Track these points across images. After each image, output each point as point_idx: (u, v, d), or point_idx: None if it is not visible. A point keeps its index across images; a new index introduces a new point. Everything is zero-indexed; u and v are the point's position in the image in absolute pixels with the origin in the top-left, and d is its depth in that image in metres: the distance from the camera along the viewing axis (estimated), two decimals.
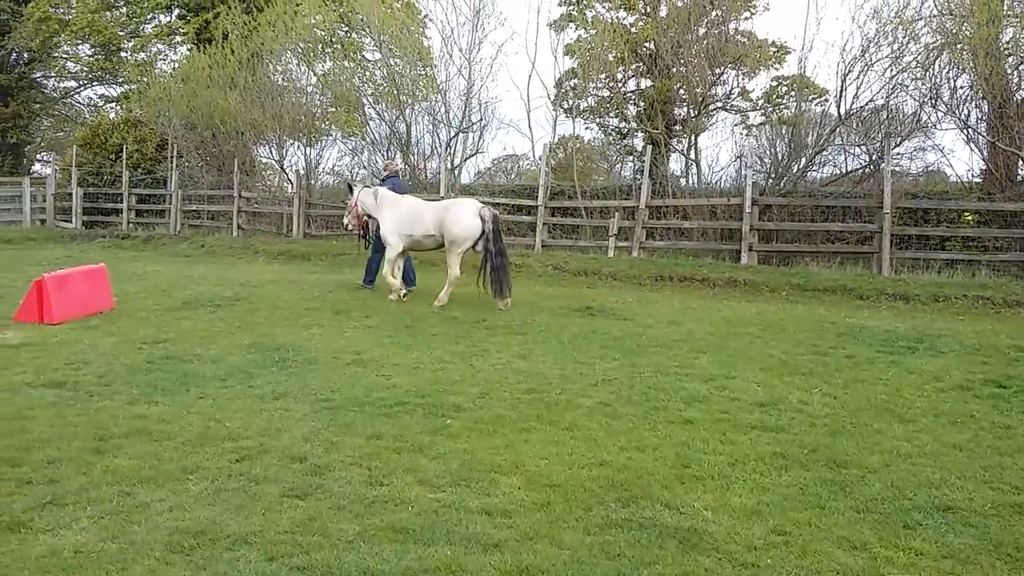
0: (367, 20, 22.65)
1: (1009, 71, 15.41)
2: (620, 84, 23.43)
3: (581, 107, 23.03)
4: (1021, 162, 15.39)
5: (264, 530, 4.19)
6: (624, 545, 4.12)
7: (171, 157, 23.97)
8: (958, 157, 29.78)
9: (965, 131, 15.92)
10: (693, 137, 21.02)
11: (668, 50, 19.78)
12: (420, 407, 6.43)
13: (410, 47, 21.59)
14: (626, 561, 3.96)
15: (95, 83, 39.06)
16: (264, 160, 25.81)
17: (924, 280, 13.63)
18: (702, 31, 19.58)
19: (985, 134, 15.71)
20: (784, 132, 18.37)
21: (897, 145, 16.45)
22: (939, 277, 13.92)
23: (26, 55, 36.37)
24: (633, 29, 22.80)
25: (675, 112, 22.21)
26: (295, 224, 21.04)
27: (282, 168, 23.85)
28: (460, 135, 20.95)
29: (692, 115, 20.60)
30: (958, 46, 15.43)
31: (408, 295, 12.18)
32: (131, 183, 24.65)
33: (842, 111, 16.91)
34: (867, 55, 16.48)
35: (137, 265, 16.39)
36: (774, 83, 23.19)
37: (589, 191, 18.57)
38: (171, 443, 5.47)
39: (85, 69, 37.44)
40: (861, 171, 17.20)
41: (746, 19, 21.94)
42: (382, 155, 22.03)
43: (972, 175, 16.68)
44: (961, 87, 15.78)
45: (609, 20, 22.23)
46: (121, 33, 33.81)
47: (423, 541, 4.11)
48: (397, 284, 12.00)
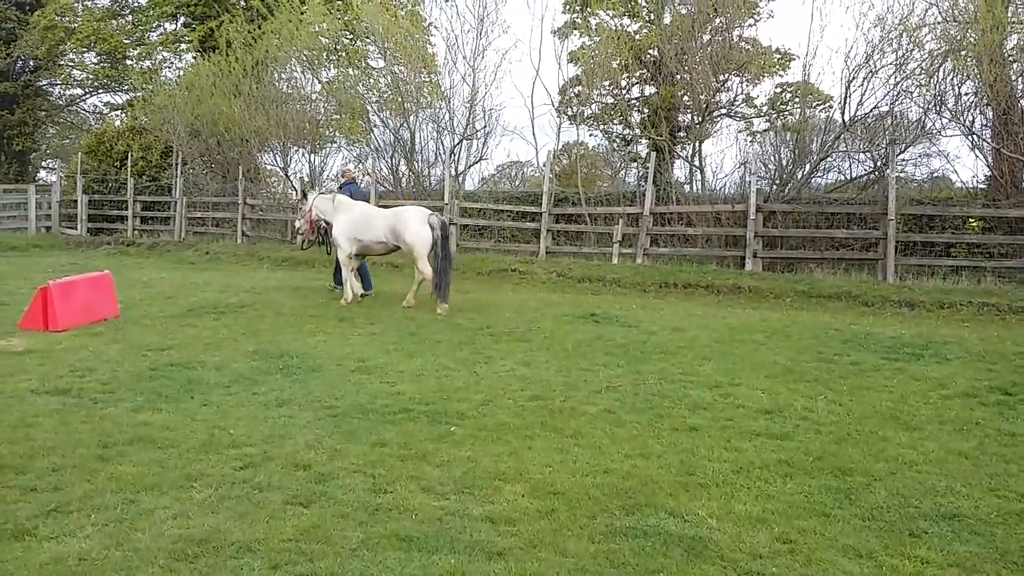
0: (371, 28, 22.69)
1: (1014, 77, 15.40)
2: (624, 91, 23.45)
3: (585, 114, 23.03)
4: None
5: (268, 538, 4.19)
6: (629, 553, 4.11)
7: (176, 164, 24.05)
8: (963, 163, 29.86)
9: (970, 137, 15.92)
10: (697, 144, 21.02)
11: (672, 57, 19.80)
12: (424, 414, 6.43)
13: (414, 54, 21.63)
14: (631, 569, 3.95)
15: (100, 91, 39.21)
16: (269, 167, 25.89)
17: (929, 287, 13.59)
18: (706, 38, 19.58)
19: (990, 140, 15.69)
20: (788, 139, 18.37)
21: (902, 151, 16.42)
22: (944, 284, 13.88)
23: (32, 63, 36.54)
24: (637, 36, 22.83)
25: (679, 119, 22.23)
26: None
27: (287, 175, 23.89)
28: (464, 142, 20.97)
29: (696, 122, 20.61)
30: (962, 53, 15.42)
31: (361, 298, 12.54)
32: (136, 190, 24.73)
33: (846, 118, 16.89)
34: (871, 62, 16.48)
35: (142, 272, 16.42)
36: (778, 90, 23.20)
37: (593, 198, 18.58)
38: (175, 450, 5.47)
39: (91, 77, 37.63)
40: (866, 177, 17.17)
41: (750, 26, 21.94)
42: (386, 162, 22.09)
43: (977, 181, 16.67)
44: (966, 93, 15.79)
45: (613, 27, 22.24)
46: (126, 41, 34.00)
47: (427, 549, 4.11)
48: (358, 288, 12.49)
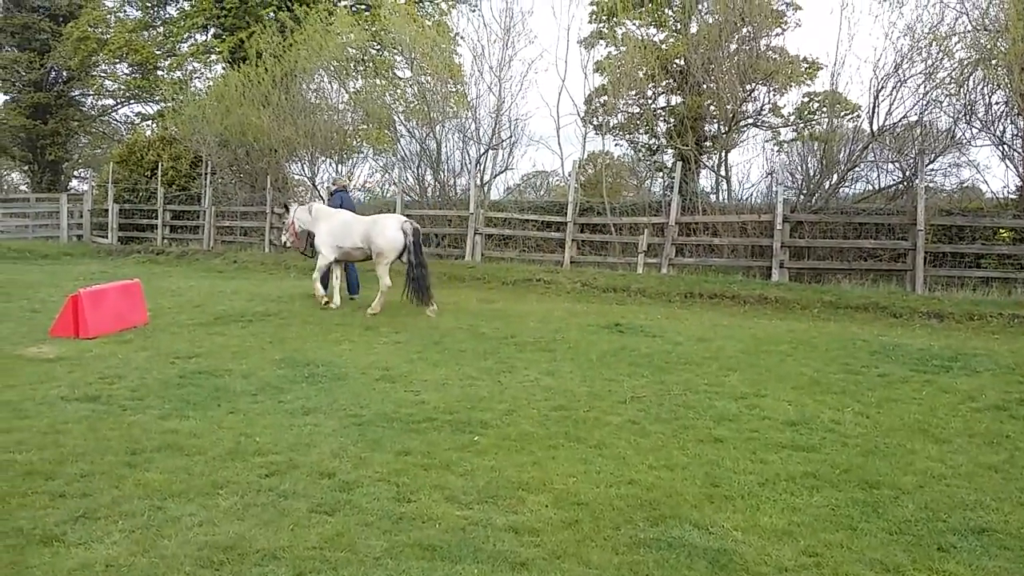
0: (399, 38, 22.85)
1: None
2: (650, 101, 23.41)
3: (611, 124, 23.03)
4: None
5: (293, 546, 4.21)
6: (653, 565, 4.09)
7: (205, 174, 24.33)
8: (993, 173, 29.50)
9: (1000, 147, 15.72)
10: (723, 153, 20.96)
11: (699, 67, 19.73)
12: (448, 423, 6.44)
13: (441, 64, 21.73)
14: None
15: (132, 101, 39.85)
16: (296, 177, 26.12)
17: (959, 298, 13.42)
18: (733, 47, 19.51)
19: (1021, 150, 15.50)
20: (816, 148, 18.23)
21: (931, 161, 16.26)
22: (974, 295, 13.70)
23: (65, 74, 37.20)
24: (663, 46, 22.80)
25: (705, 128, 22.14)
26: None
27: (314, 185, 24.07)
28: (490, 152, 21.03)
29: (723, 131, 20.54)
30: (993, 62, 15.26)
31: (329, 302, 12.80)
32: (166, 199, 25.04)
33: (875, 127, 16.75)
34: (900, 71, 16.33)
35: (171, 280, 16.60)
36: (805, 99, 23.07)
37: (618, 207, 18.56)
38: (202, 457, 5.52)
39: (122, 87, 38.25)
40: (894, 187, 17.02)
41: (777, 35, 21.87)
42: (412, 171, 22.19)
43: (1008, 192, 16.43)
44: (996, 103, 15.60)
45: (639, 37, 22.22)
46: (158, 52, 34.51)
47: (450, 558, 4.11)
48: (321, 291, 12.81)
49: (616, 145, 25.14)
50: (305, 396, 7.25)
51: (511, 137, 21.08)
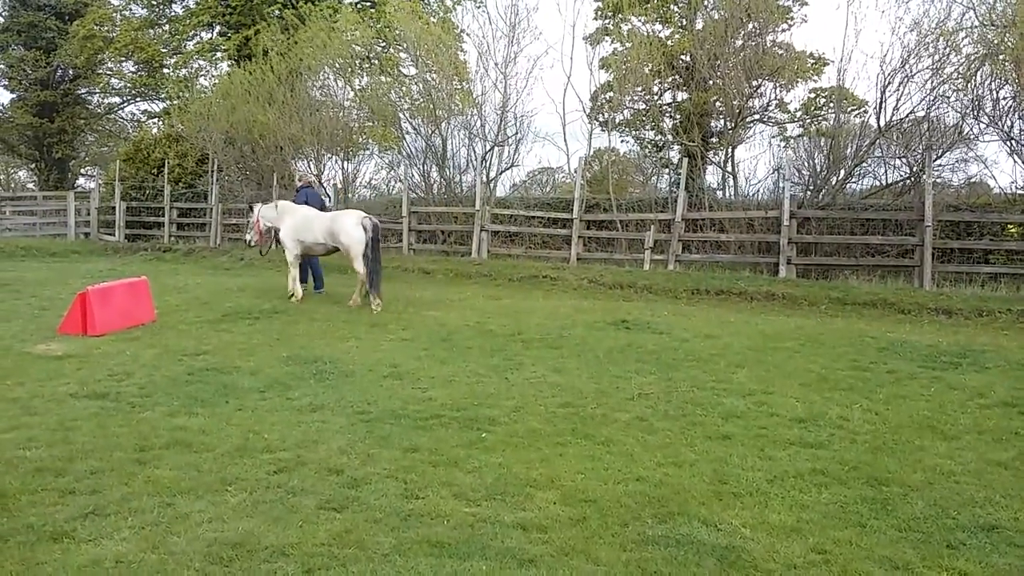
0: (404, 35, 22.87)
1: None
2: (656, 97, 23.39)
3: (616, 120, 23.02)
4: None
5: (301, 542, 4.22)
6: (661, 562, 4.08)
7: (211, 171, 24.36)
8: (1001, 169, 29.42)
9: (1008, 142, 15.66)
10: (730, 149, 20.91)
11: (705, 62, 19.70)
12: (455, 420, 6.44)
13: (446, 62, 21.72)
14: None
15: (138, 99, 39.97)
16: (302, 173, 26.10)
17: (967, 294, 13.39)
18: (739, 43, 19.47)
19: None
20: (823, 144, 18.20)
21: (938, 157, 16.22)
22: (982, 291, 13.67)
23: (71, 72, 37.31)
24: (669, 42, 22.77)
25: (712, 124, 22.12)
26: None
27: (320, 182, 24.09)
28: (495, 149, 21.03)
29: (729, 127, 20.50)
30: (1000, 57, 15.20)
31: (299, 297, 13.28)
32: (172, 197, 25.08)
33: (882, 123, 16.72)
34: (907, 66, 16.30)
35: (178, 278, 16.63)
36: (812, 95, 23.04)
37: (625, 204, 18.54)
38: (210, 454, 5.54)
39: (128, 85, 38.36)
40: (902, 183, 16.98)
41: (783, 31, 21.82)
42: (418, 168, 22.19)
43: (1016, 187, 16.38)
44: (1004, 98, 15.55)
45: (645, 33, 22.19)
46: (164, 50, 34.58)
47: (459, 555, 4.11)
48: (299, 291, 13.37)
49: (622, 141, 25.16)
50: (313, 393, 7.26)
51: (517, 134, 21.12)
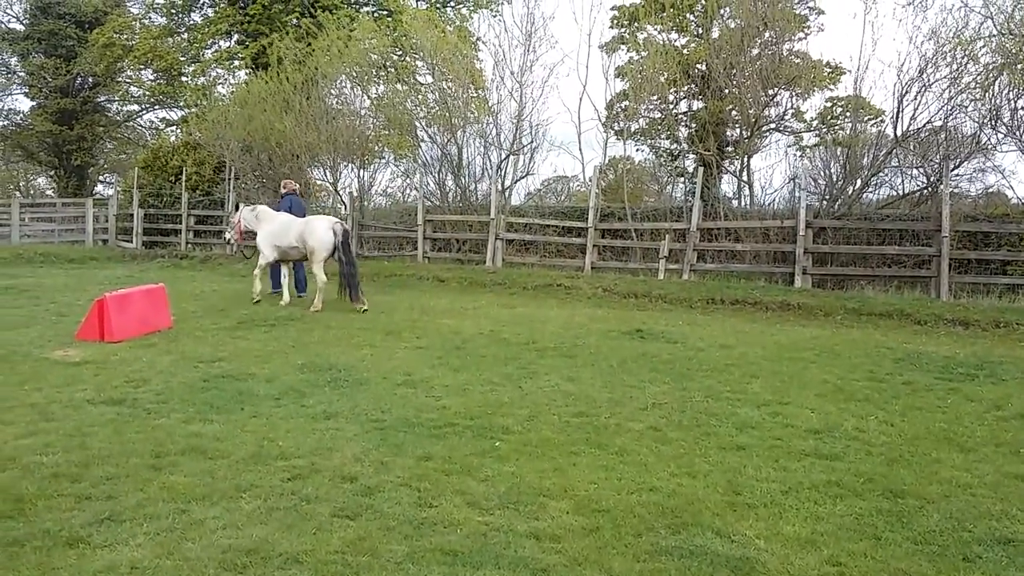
0: (420, 44, 22.94)
1: None
2: (671, 106, 23.36)
3: (632, 129, 23.01)
4: None
5: (315, 549, 4.23)
6: (674, 573, 4.07)
7: (228, 179, 24.50)
8: (1019, 179, 29.22)
9: None
10: (746, 158, 20.86)
11: (720, 71, 19.67)
12: (469, 429, 6.45)
13: (462, 70, 21.79)
14: None
15: (156, 107, 40.28)
16: (319, 182, 26.27)
17: (984, 305, 13.28)
18: (755, 52, 19.44)
19: None
20: (839, 153, 18.13)
21: (956, 167, 16.12)
22: (1000, 302, 13.55)
23: (91, 80, 37.66)
24: (685, 51, 22.76)
25: (727, 133, 22.07)
26: None
27: (336, 190, 24.21)
28: (511, 157, 21.06)
29: (745, 136, 20.45)
30: (1019, 66, 15.11)
31: (259, 299, 13.82)
32: (190, 204, 25.25)
33: (899, 132, 16.64)
34: (925, 76, 16.21)
35: (194, 285, 16.75)
36: (828, 104, 22.92)
37: (639, 213, 18.52)
38: (225, 461, 5.56)
39: (147, 93, 38.64)
40: (919, 193, 16.88)
41: (800, 40, 21.74)
42: (433, 177, 22.25)
43: None
44: (1022, 108, 15.44)
45: (661, 42, 22.19)
46: (182, 58, 34.82)
47: (472, 564, 4.11)
48: (259, 288, 13.92)
49: (637, 150, 25.13)
50: (327, 400, 7.28)
51: (532, 142, 21.14)
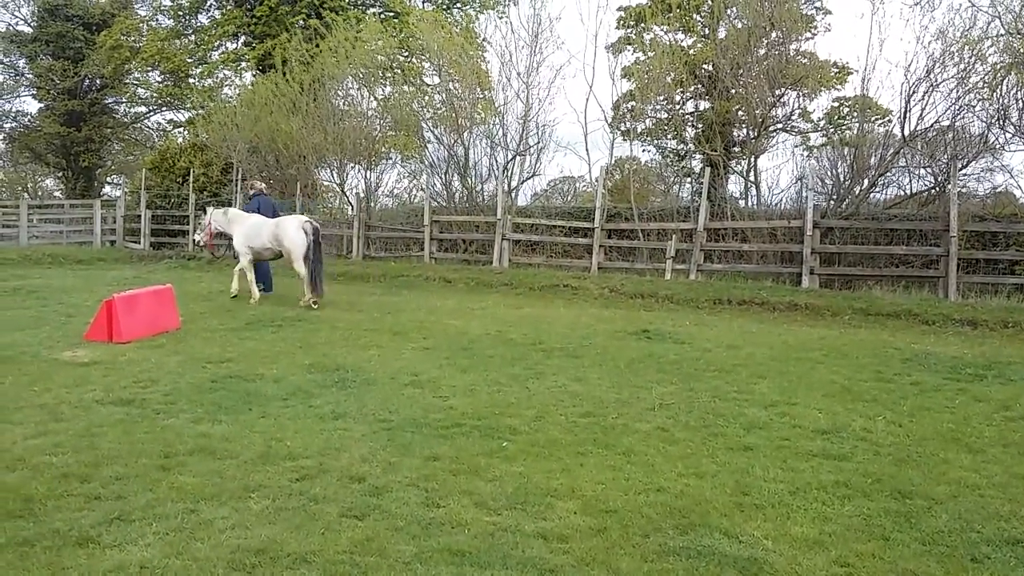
0: (427, 45, 22.99)
1: None
2: (678, 106, 23.34)
3: (638, 129, 22.98)
4: None
5: (323, 549, 4.24)
6: (682, 573, 4.07)
7: (236, 180, 24.58)
8: None
9: None
10: (752, 159, 20.82)
11: (727, 71, 19.65)
12: (476, 429, 6.45)
13: (468, 71, 21.81)
14: None
15: (164, 109, 40.42)
16: (325, 183, 26.34)
17: (993, 305, 13.26)
18: (762, 52, 19.40)
19: None
20: (846, 153, 18.09)
21: (964, 166, 16.08)
22: (1008, 302, 13.52)
23: (98, 82, 37.82)
24: (691, 51, 22.74)
25: (734, 133, 22.04)
26: (355, 246, 21.40)
27: (343, 191, 24.25)
28: (517, 158, 21.06)
29: (751, 136, 20.42)
30: None
31: (256, 299, 14.13)
32: (197, 206, 25.31)
33: (906, 132, 16.61)
34: (932, 75, 16.19)
35: (202, 285, 16.78)
36: (835, 104, 22.88)
37: (646, 213, 18.51)
38: (234, 461, 5.58)
39: (154, 95, 38.78)
40: (926, 193, 16.84)
41: (807, 40, 21.72)
42: (440, 177, 22.28)
43: None
44: None
45: (667, 42, 22.18)
46: (189, 60, 34.94)
47: (479, 564, 4.12)
48: (236, 286, 14.37)
49: (644, 151, 25.08)
50: (335, 401, 7.30)
51: (538, 143, 21.14)
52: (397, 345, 10.17)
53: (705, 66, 22.15)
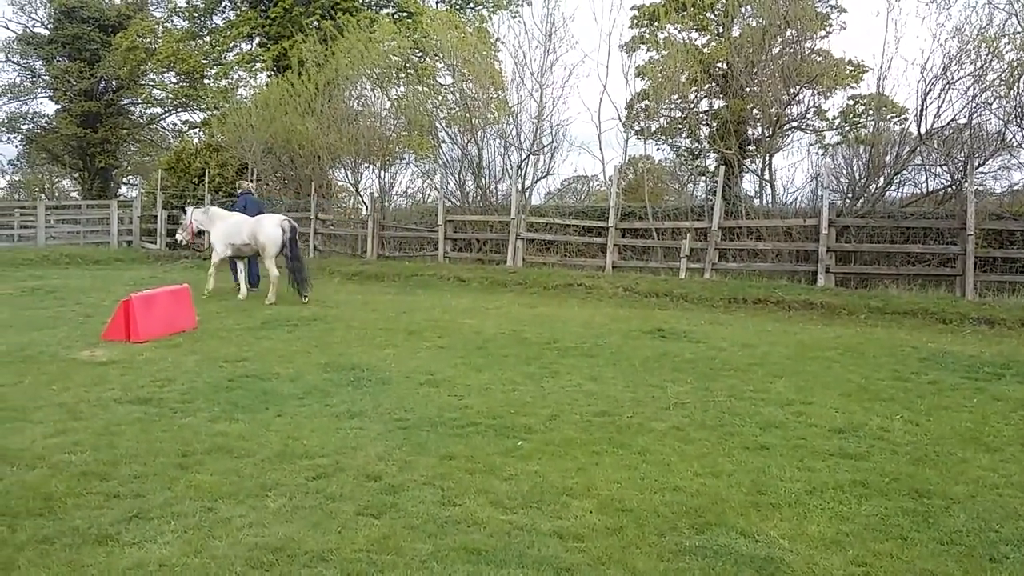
0: (440, 45, 23.01)
1: None
2: (692, 105, 23.29)
3: (652, 128, 22.95)
4: None
5: (340, 548, 4.26)
6: (698, 573, 4.06)
7: (251, 180, 24.66)
8: None
9: None
10: (767, 157, 20.74)
11: (742, 70, 19.59)
12: (491, 428, 6.46)
13: (482, 71, 21.82)
14: None
15: (179, 109, 40.64)
16: (340, 183, 26.43)
17: (1010, 304, 13.15)
18: (776, 50, 19.32)
19: None
20: (862, 151, 17.99)
21: (981, 164, 15.96)
22: None
23: (115, 83, 38.05)
24: (706, 49, 22.68)
25: (749, 132, 21.98)
26: (369, 246, 21.45)
27: (357, 191, 24.32)
28: (531, 157, 21.05)
29: (766, 135, 20.34)
30: None
31: (244, 296, 14.73)
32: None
33: (923, 130, 16.50)
34: (949, 73, 16.07)
35: (218, 286, 16.82)
36: (851, 102, 22.79)
37: (660, 212, 18.47)
38: (251, 460, 5.61)
39: (170, 96, 39.00)
40: (943, 191, 16.73)
41: (822, 38, 21.64)
42: (454, 177, 22.30)
43: None
44: None
45: (681, 41, 22.12)
46: (204, 61, 35.13)
47: (495, 563, 4.13)
48: (212, 285, 14.71)
49: (658, 149, 25.07)
50: (351, 400, 7.32)
51: (552, 142, 21.10)
52: (412, 344, 10.20)
53: (719, 64, 22.10)
